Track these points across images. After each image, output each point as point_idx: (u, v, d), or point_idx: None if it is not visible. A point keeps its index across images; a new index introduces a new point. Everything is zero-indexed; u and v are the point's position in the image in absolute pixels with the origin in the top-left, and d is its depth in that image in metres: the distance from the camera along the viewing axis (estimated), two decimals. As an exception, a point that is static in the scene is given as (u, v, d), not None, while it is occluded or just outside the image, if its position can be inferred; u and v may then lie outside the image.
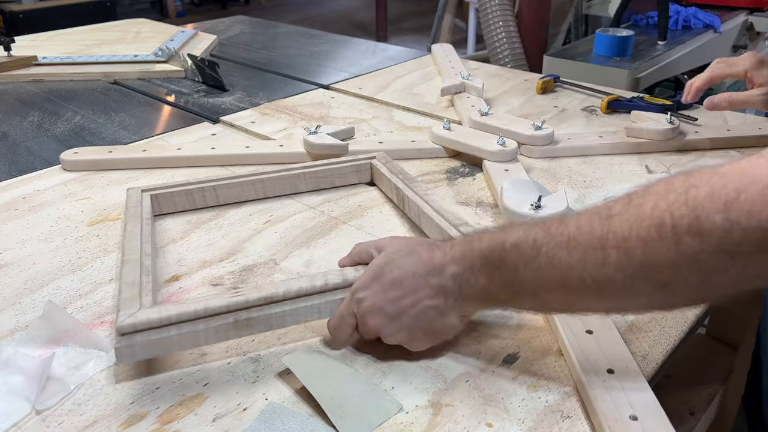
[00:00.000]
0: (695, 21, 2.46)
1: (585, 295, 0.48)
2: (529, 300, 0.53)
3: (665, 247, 0.43)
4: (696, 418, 1.12)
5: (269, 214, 0.84)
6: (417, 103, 1.23)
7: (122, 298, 0.57)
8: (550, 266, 0.48)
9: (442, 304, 0.55)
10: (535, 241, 0.49)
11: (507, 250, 0.51)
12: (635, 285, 0.45)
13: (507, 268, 0.51)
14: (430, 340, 0.57)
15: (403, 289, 0.55)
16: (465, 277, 0.53)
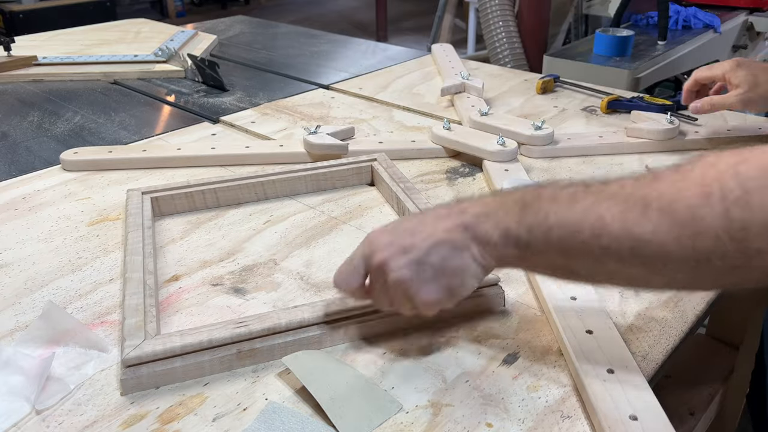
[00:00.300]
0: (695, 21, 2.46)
1: (613, 256, 0.45)
2: (552, 254, 0.48)
3: (711, 215, 0.41)
4: (696, 418, 1.12)
5: (269, 214, 0.84)
6: (417, 103, 1.23)
7: (127, 325, 0.57)
8: (584, 216, 0.46)
9: (458, 240, 0.50)
10: (575, 193, 0.47)
11: (542, 196, 0.49)
12: (670, 251, 0.43)
13: (538, 210, 0.48)
14: (440, 288, 0.51)
15: (420, 223, 0.52)
16: (490, 215, 0.50)
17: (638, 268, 0.46)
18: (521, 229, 0.49)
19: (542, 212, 0.48)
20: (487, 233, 0.50)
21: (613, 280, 0.49)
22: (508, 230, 0.49)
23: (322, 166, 0.89)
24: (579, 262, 0.48)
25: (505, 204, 0.50)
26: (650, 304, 0.65)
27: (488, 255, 0.51)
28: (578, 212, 0.46)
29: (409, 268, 0.51)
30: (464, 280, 0.52)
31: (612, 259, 0.46)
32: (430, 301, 0.52)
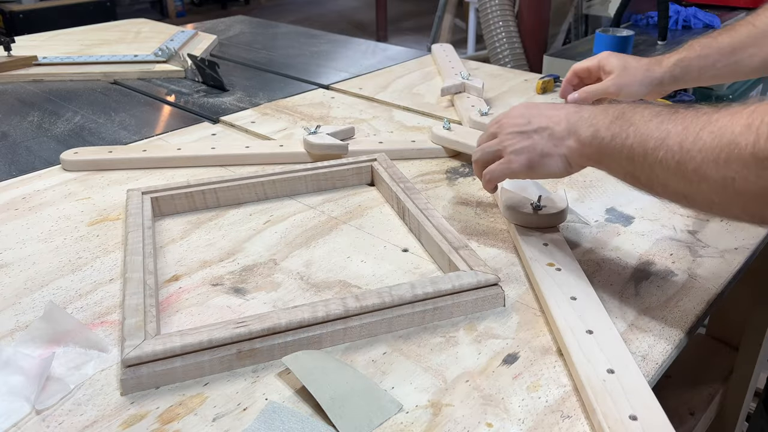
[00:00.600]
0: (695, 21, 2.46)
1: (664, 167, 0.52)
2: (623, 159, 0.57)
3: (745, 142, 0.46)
4: (696, 418, 1.12)
5: (269, 214, 0.84)
6: (417, 103, 1.23)
7: (127, 325, 0.58)
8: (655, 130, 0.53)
9: (559, 131, 0.63)
10: (659, 112, 0.55)
11: (635, 110, 0.57)
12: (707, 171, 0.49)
13: (625, 121, 0.57)
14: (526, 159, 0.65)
15: (546, 108, 0.66)
16: (592, 117, 0.61)
17: (682, 182, 0.52)
18: (607, 133, 0.59)
19: (627, 122, 0.57)
20: (581, 129, 0.62)
21: (666, 191, 0.55)
22: (597, 131, 0.60)
23: (322, 166, 0.89)
24: (641, 169, 0.56)
25: (607, 111, 0.61)
26: (650, 304, 0.65)
27: (576, 149, 0.62)
28: (652, 127, 0.55)
29: (515, 138, 0.66)
30: (546, 162, 0.65)
31: (663, 170, 0.53)
32: (512, 165, 0.67)
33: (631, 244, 0.75)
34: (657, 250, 0.75)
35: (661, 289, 0.68)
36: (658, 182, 0.55)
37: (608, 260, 0.73)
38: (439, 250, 0.71)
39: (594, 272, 0.71)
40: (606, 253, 0.74)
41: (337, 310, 0.59)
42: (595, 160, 0.62)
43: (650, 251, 0.74)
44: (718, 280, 0.69)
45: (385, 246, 0.76)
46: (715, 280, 0.69)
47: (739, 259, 0.73)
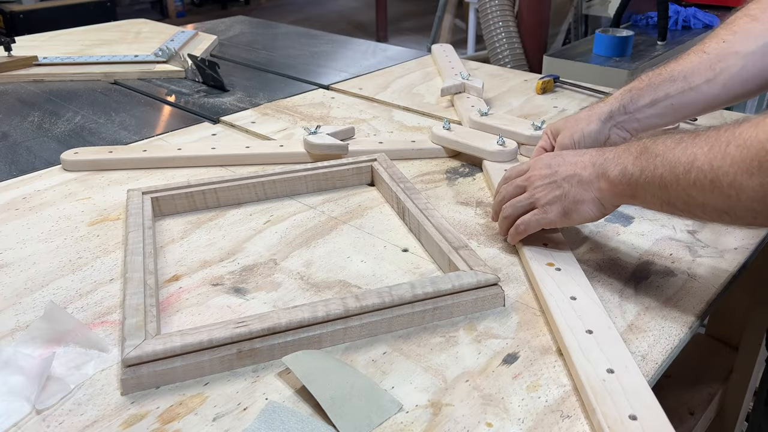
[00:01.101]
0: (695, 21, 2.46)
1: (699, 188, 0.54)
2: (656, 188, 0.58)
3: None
4: (696, 418, 1.12)
5: (269, 214, 0.84)
6: (417, 103, 1.23)
7: (127, 325, 0.58)
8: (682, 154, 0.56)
9: (586, 176, 0.65)
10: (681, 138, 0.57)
11: (657, 142, 0.59)
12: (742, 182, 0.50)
13: (651, 153, 0.59)
14: (560, 208, 0.66)
15: (570, 155, 0.68)
16: (617, 157, 0.63)
17: (720, 199, 0.53)
18: (635, 168, 0.60)
19: (653, 154, 0.59)
20: (609, 170, 0.63)
21: (706, 211, 0.56)
22: (624, 168, 0.62)
23: (323, 166, 0.89)
24: (675, 195, 0.57)
25: (629, 148, 0.63)
26: (650, 304, 0.66)
27: (608, 189, 0.64)
28: (678, 152, 0.56)
29: (546, 189, 0.68)
30: (580, 209, 0.66)
31: (699, 190, 0.54)
32: (548, 215, 0.68)
33: (631, 244, 0.75)
34: (657, 250, 0.75)
35: (661, 289, 0.68)
36: (696, 204, 0.56)
37: (608, 260, 0.73)
38: (438, 250, 0.71)
39: (594, 272, 0.71)
40: (606, 253, 0.74)
41: (337, 309, 0.59)
42: (629, 196, 0.63)
43: (650, 251, 0.74)
44: (717, 280, 0.69)
45: (385, 246, 0.76)
46: (715, 280, 0.69)
47: (738, 259, 0.73)
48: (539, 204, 0.69)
